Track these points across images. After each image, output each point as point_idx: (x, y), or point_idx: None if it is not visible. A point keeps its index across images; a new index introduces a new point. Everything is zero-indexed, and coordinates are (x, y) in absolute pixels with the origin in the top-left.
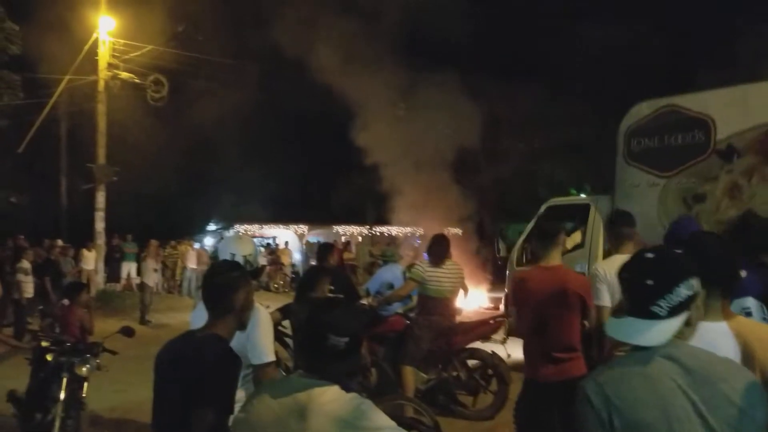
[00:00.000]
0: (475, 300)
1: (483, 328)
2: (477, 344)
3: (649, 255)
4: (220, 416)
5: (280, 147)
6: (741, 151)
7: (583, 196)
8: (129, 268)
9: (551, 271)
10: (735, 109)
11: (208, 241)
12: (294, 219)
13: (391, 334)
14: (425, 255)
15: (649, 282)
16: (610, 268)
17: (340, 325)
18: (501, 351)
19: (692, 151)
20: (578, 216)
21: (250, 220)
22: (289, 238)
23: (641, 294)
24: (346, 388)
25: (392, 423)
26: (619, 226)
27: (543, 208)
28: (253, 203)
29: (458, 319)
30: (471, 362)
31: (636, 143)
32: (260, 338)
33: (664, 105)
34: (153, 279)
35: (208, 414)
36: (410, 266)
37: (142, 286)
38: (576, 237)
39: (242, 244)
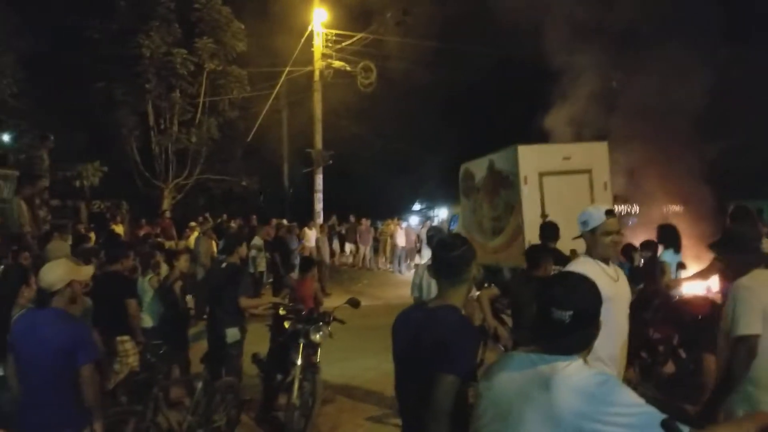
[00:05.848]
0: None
1: None
2: None
3: None
4: (461, 382)
5: (482, 128)
6: (480, 189)
7: None
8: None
9: None
10: (479, 169)
11: (414, 221)
12: None
13: (688, 318)
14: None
15: None
16: None
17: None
18: None
19: (473, 189)
20: None
21: (454, 200)
22: None
23: None
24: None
25: (641, 400)
26: None
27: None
28: (454, 184)
29: None
30: None
31: (462, 184)
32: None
33: (466, 168)
34: (328, 255)
35: (451, 379)
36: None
37: (319, 263)
38: None
39: None
